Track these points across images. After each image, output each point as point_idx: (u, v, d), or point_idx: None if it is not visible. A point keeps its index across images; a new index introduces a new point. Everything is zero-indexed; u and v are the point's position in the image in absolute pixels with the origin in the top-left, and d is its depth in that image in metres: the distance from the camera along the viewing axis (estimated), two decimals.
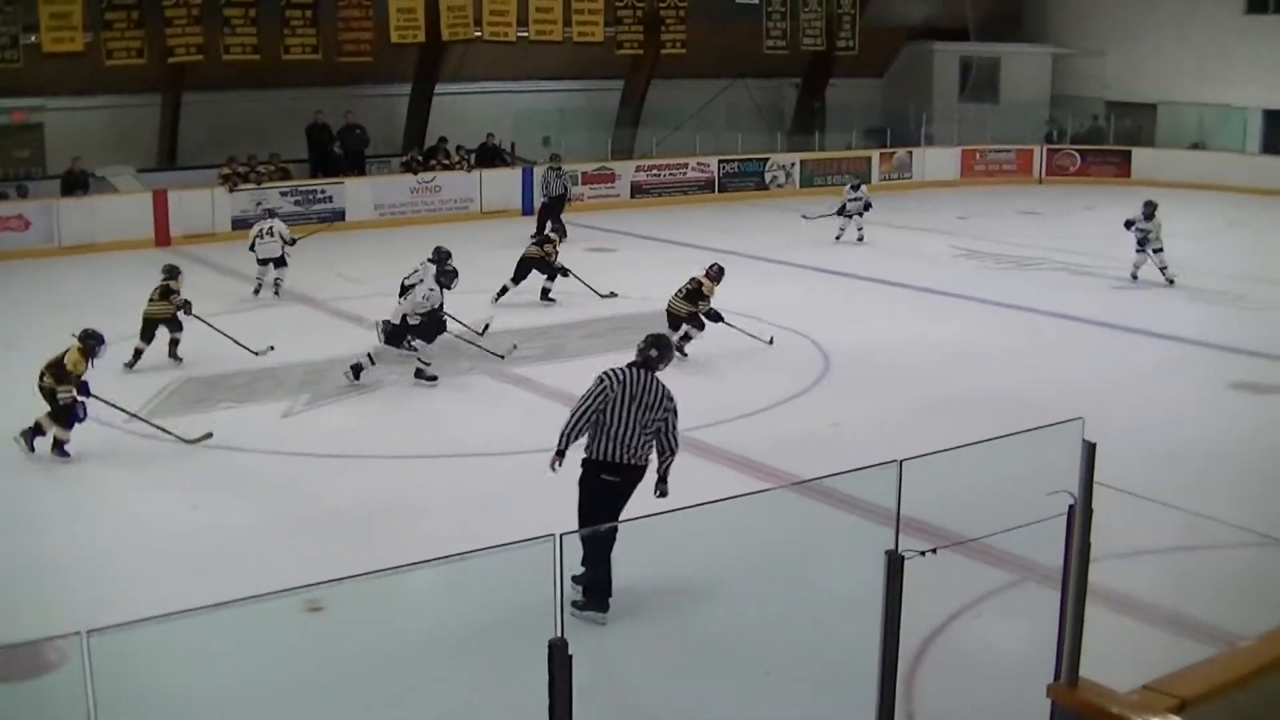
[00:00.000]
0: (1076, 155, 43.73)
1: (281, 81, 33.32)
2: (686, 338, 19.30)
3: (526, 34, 35.30)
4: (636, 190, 36.98)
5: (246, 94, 33.06)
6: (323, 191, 32.56)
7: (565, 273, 23.28)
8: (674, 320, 19.20)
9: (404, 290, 18.68)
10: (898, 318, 22.67)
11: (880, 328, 21.66)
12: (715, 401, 16.85)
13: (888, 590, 6.22)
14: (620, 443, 10.40)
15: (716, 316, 19.55)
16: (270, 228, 24.10)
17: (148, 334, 18.95)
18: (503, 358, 19.30)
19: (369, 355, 17.96)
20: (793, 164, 39.13)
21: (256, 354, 19.39)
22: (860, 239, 30.17)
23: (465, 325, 20.15)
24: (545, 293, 23.49)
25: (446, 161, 34.91)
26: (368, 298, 22.76)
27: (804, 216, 31.55)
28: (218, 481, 14.27)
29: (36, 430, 14.90)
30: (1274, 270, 27.47)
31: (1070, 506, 6.62)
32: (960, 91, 45.16)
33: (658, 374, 10.74)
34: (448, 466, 14.95)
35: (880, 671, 6.72)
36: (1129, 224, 25.85)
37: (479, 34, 34.70)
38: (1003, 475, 7.40)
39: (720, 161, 38.25)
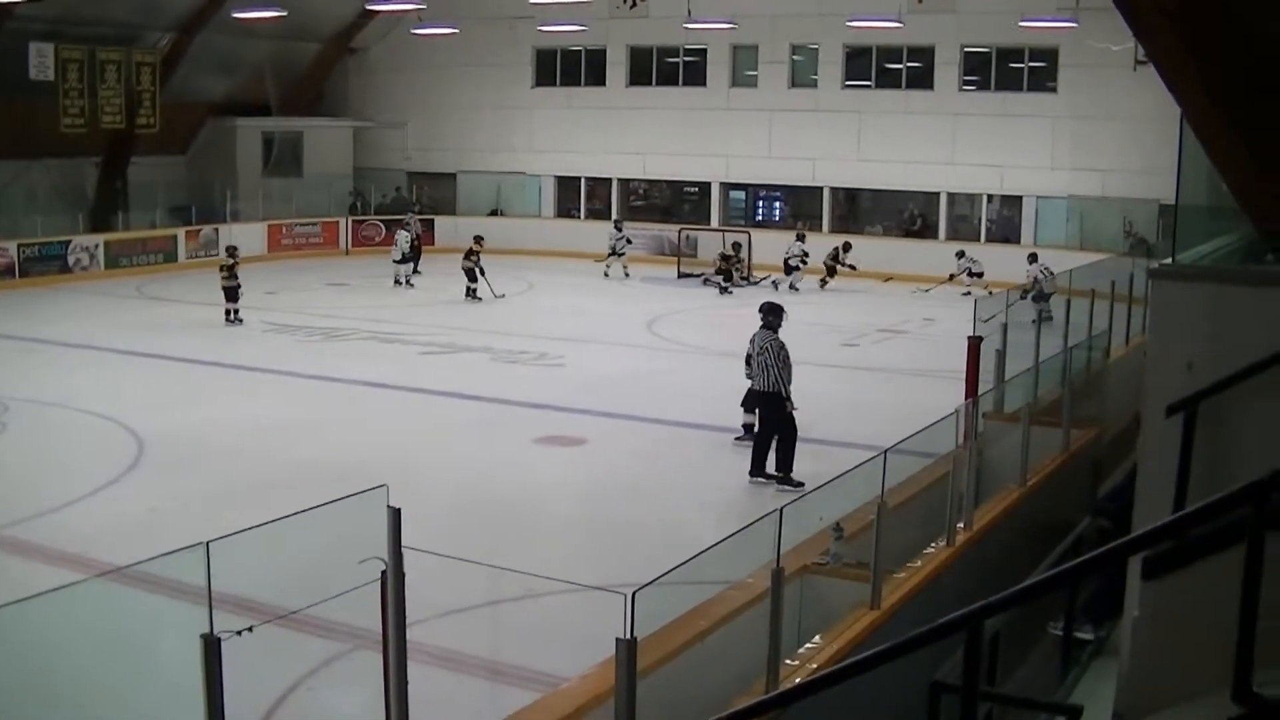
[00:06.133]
0: (382, 226, 44.74)
1: None
2: None
3: None
4: None
5: None
6: None
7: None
8: None
9: None
10: (211, 397, 22.39)
11: (194, 408, 21.30)
12: (27, 495, 16.20)
13: (207, 673, 6.21)
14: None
15: None
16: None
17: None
18: None
19: None
20: (97, 245, 37.79)
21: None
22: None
23: None
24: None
25: None
26: None
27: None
28: None
29: None
30: (573, 329, 29.23)
31: (383, 572, 6.87)
32: (264, 166, 45.14)
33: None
34: None
35: None
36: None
37: None
38: (317, 546, 7.56)
39: (20, 245, 36.36)
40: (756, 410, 18.65)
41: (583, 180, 45.96)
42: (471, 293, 33.73)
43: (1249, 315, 6.92)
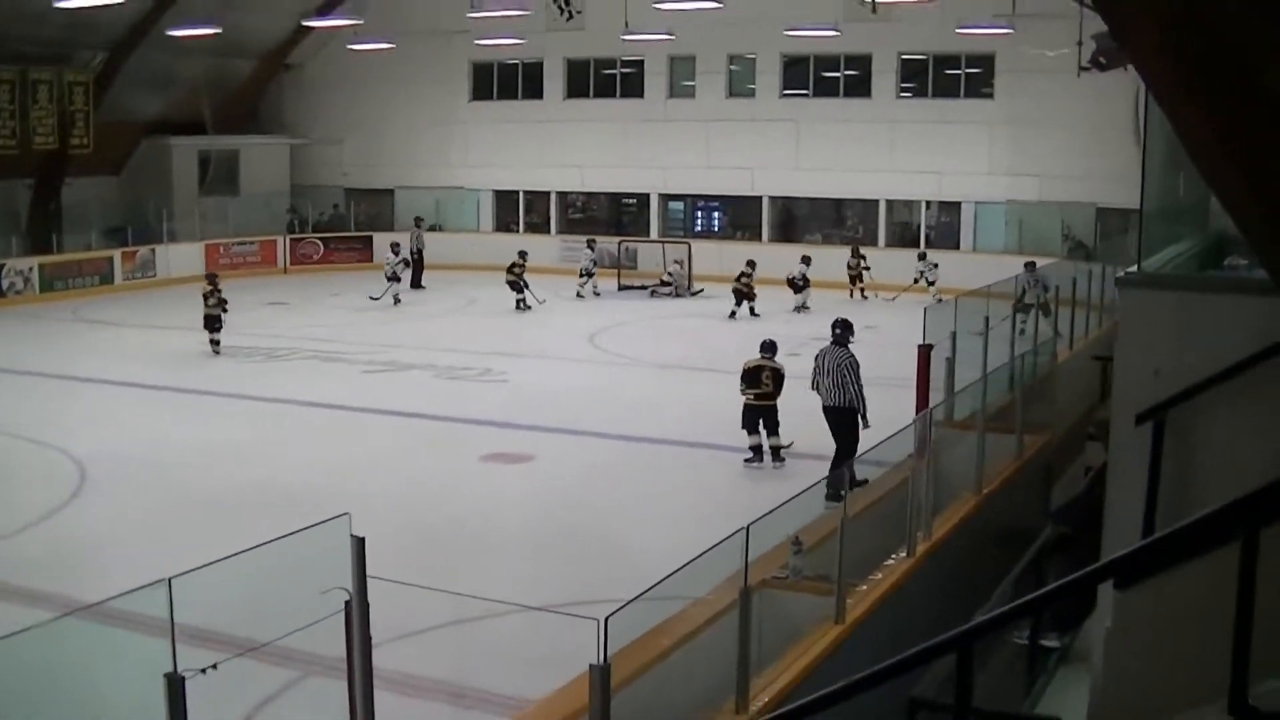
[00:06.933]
0: (320, 243, 44.46)
1: None
2: None
3: None
4: None
5: None
6: None
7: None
8: None
9: None
10: (156, 419, 22.01)
11: (136, 432, 20.97)
12: None
13: (170, 713, 6.05)
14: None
15: None
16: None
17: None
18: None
19: None
20: (31, 268, 37.23)
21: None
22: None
23: None
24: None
25: None
26: None
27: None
28: None
29: None
30: (515, 344, 29.14)
31: (347, 602, 6.73)
32: (200, 185, 44.62)
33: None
34: None
35: None
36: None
37: None
38: (274, 574, 7.41)
39: None
40: (762, 428, 18.54)
41: (520, 194, 45.88)
42: (520, 304, 34.57)
43: (1215, 322, 6.92)
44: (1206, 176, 4.22)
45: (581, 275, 37.78)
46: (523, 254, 35.38)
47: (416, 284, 39.05)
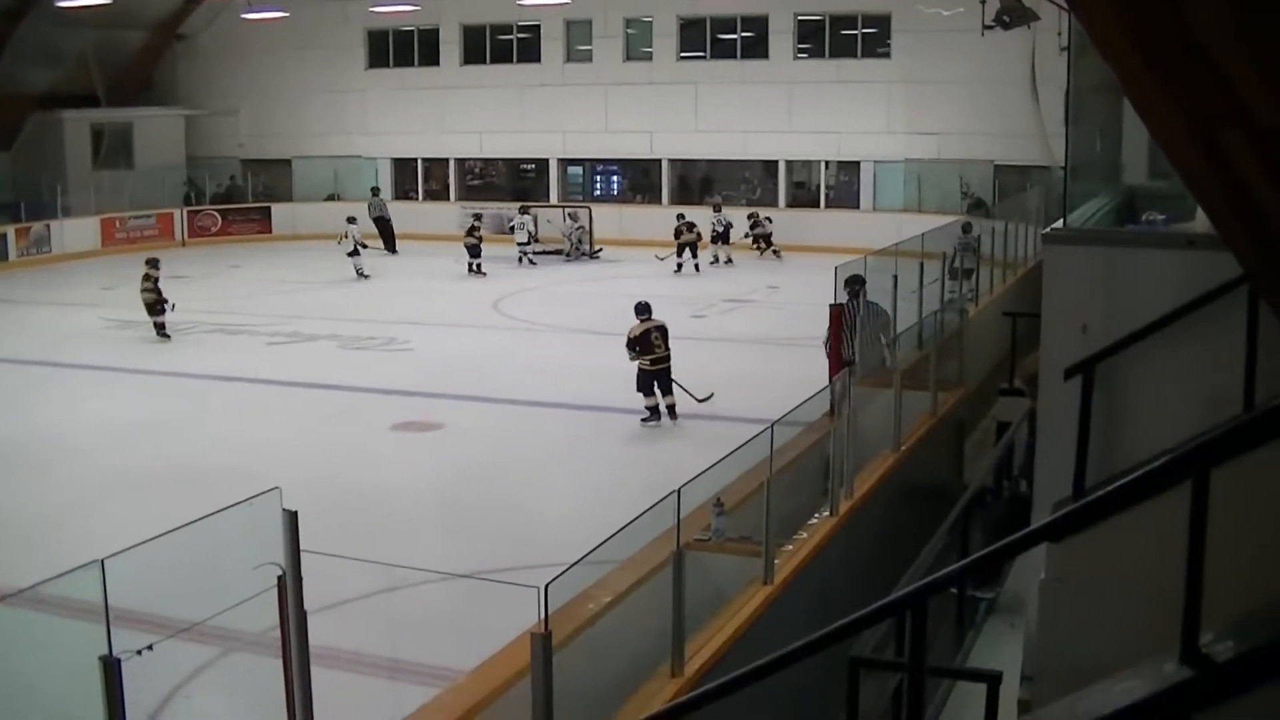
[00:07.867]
0: (217, 215, 43.89)
1: None
2: None
3: None
4: None
5: None
6: None
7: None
8: None
9: None
10: (61, 398, 21.58)
11: (43, 411, 20.61)
12: None
13: (107, 696, 5.95)
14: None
15: None
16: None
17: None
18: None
19: None
20: None
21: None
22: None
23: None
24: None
25: None
26: None
27: None
28: None
29: None
30: (418, 312, 29.00)
31: (280, 577, 6.66)
32: (94, 159, 43.79)
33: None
34: None
35: None
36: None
37: None
38: (202, 552, 7.32)
39: None
40: (658, 389, 18.58)
41: (419, 161, 45.60)
42: (477, 268, 34.85)
43: (1140, 276, 7.03)
44: (1150, 128, 4.27)
45: (530, 242, 37.54)
46: (478, 216, 35.94)
47: (391, 249, 39.63)
